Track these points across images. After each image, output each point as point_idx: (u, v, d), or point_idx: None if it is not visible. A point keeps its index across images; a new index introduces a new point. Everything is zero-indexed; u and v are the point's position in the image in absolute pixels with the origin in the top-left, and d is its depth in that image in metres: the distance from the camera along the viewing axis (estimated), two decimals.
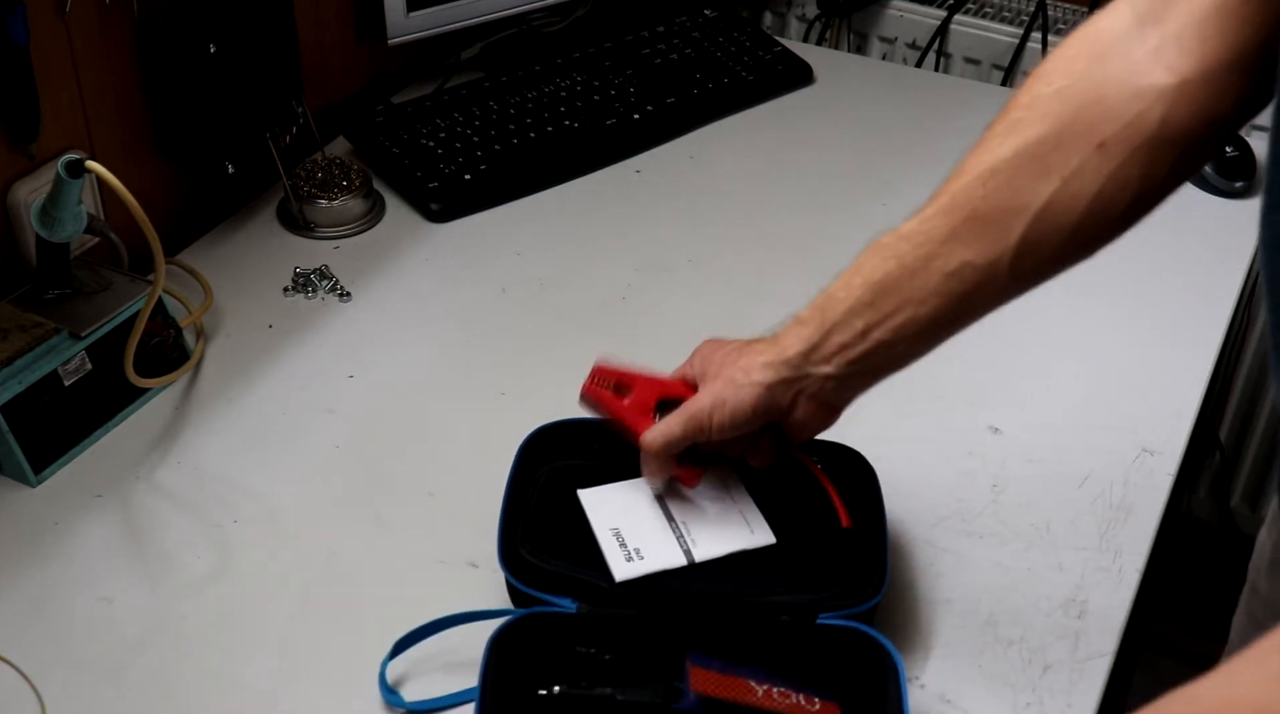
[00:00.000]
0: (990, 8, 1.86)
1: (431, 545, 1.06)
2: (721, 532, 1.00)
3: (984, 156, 0.87)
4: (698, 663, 0.90)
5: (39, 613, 1.00)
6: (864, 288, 0.90)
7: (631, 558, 0.98)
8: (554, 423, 1.07)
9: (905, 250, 0.89)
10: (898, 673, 0.89)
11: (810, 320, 0.93)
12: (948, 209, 0.88)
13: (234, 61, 1.31)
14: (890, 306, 0.89)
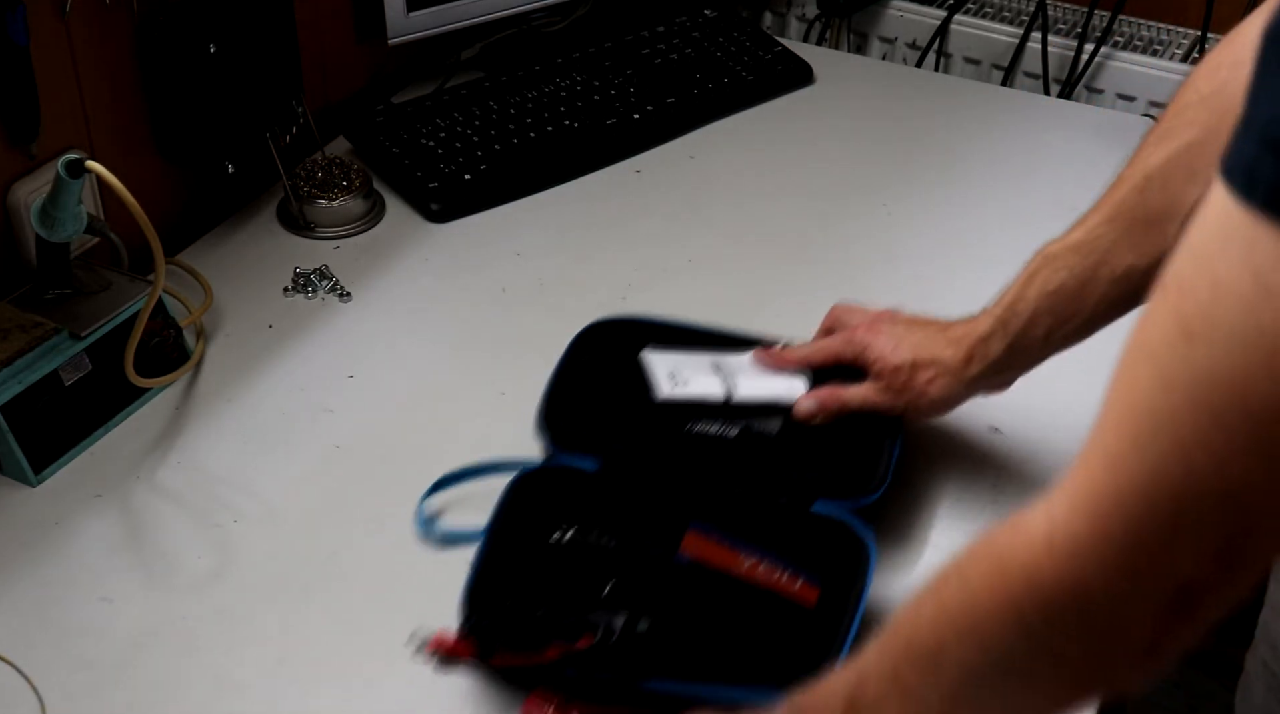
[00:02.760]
0: (990, 8, 1.86)
1: (431, 545, 1.06)
2: (763, 380, 1.10)
3: (1139, 165, 0.95)
4: (698, 530, 0.99)
5: (39, 613, 1.00)
6: (1041, 296, 0.99)
7: (677, 385, 1.09)
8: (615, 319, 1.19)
9: (1075, 261, 0.98)
10: (868, 565, 0.97)
11: (996, 334, 1.02)
12: (1110, 218, 0.96)
13: (234, 61, 1.31)
14: (1067, 313, 0.99)
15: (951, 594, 0.68)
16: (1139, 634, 0.61)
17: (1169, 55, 1.76)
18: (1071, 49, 1.77)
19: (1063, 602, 0.61)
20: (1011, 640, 0.64)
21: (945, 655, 0.68)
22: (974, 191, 1.48)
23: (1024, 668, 0.66)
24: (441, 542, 1.06)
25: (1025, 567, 0.62)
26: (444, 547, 1.06)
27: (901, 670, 0.71)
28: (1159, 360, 0.58)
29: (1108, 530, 0.59)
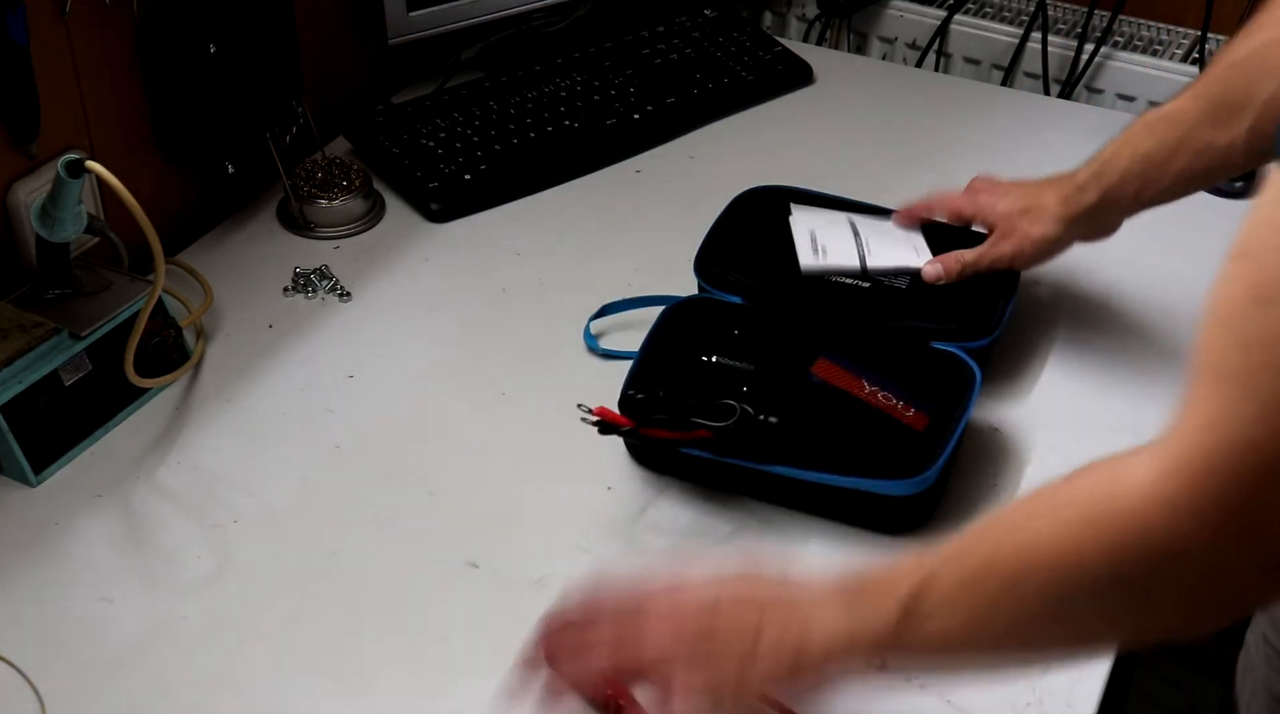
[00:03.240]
0: (990, 8, 1.86)
1: (431, 545, 1.06)
2: (893, 251, 1.25)
3: (1228, 52, 1.06)
4: (829, 358, 1.12)
5: (39, 613, 1.00)
6: (1132, 159, 1.11)
7: (818, 254, 1.24)
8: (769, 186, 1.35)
9: (1164, 130, 1.09)
10: (973, 389, 1.10)
11: (1090, 185, 1.14)
12: (1197, 94, 1.07)
13: (234, 61, 1.31)
14: (1154, 175, 1.11)
15: (1045, 527, 0.70)
16: (1232, 590, 0.66)
17: (1169, 55, 1.76)
18: (1071, 49, 1.77)
19: (1163, 554, 0.65)
20: (1104, 583, 0.68)
21: (1028, 582, 0.70)
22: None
23: (1109, 607, 0.69)
24: (603, 357, 1.23)
25: (1127, 515, 0.66)
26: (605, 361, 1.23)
27: (974, 584, 0.73)
28: (1236, 325, 0.62)
29: (1204, 491, 0.62)
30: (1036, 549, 0.70)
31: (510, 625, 0.99)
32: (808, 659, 0.78)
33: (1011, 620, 0.73)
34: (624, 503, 1.10)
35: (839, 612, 0.78)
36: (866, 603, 0.77)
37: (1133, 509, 0.65)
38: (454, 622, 1.00)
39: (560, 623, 0.87)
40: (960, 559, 0.75)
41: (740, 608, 0.81)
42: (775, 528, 1.07)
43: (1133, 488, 0.66)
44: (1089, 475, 0.70)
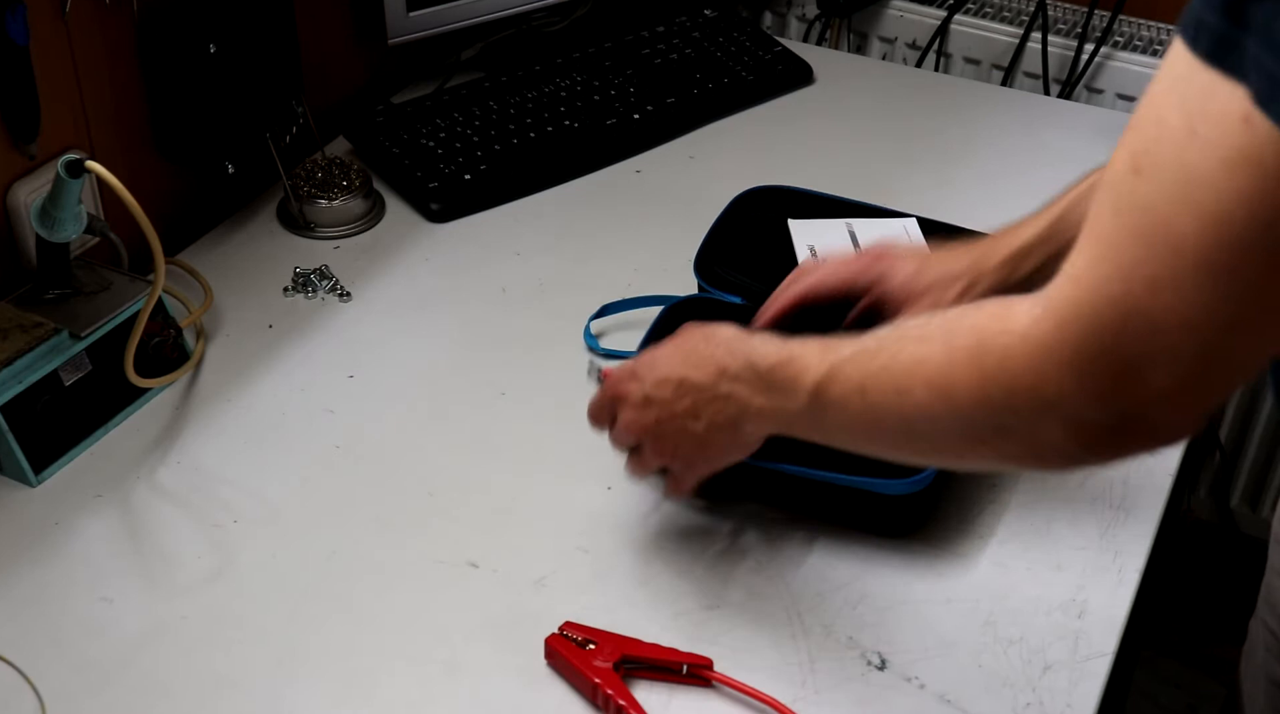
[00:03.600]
0: (990, 8, 1.86)
1: (431, 545, 1.06)
2: None
3: None
4: None
5: (39, 613, 1.00)
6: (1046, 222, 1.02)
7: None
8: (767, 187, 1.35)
9: None
10: None
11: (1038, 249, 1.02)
12: None
13: (234, 61, 1.31)
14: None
15: (933, 351, 0.78)
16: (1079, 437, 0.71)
17: None
18: (1071, 49, 1.77)
19: (1025, 392, 0.71)
20: (973, 409, 0.75)
21: (911, 396, 0.78)
22: (974, 192, 1.48)
23: (975, 433, 0.77)
24: (603, 357, 1.23)
25: (1001, 351, 0.73)
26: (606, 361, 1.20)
27: (869, 387, 0.82)
28: (1113, 190, 0.67)
29: (1067, 337, 0.68)
30: (922, 367, 0.78)
31: (510, 625, 0.99)
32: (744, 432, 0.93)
33: (898, 427, 0.81)
34: (624, 503, 1.10)
35: (759, 395, 0.90)
36: (780, 387, 0.88)
37: (1007, 346, 0.72)
38: (454, 622, 1.00)
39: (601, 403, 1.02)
40: (860, 360, 0.83)
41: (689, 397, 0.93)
42: (775, 528, 1.07)
43: (1011, 328, 0.72)
44: (983, 310, 0.77)
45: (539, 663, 0.97)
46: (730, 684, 0.95)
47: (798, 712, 0.93)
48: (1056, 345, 0.69)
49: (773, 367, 0.88)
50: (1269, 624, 1.13)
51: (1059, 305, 0.69)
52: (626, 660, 0.95)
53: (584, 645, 0.95)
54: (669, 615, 1.00)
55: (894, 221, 1.30)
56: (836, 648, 0.98)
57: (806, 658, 0.98)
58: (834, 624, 1.00)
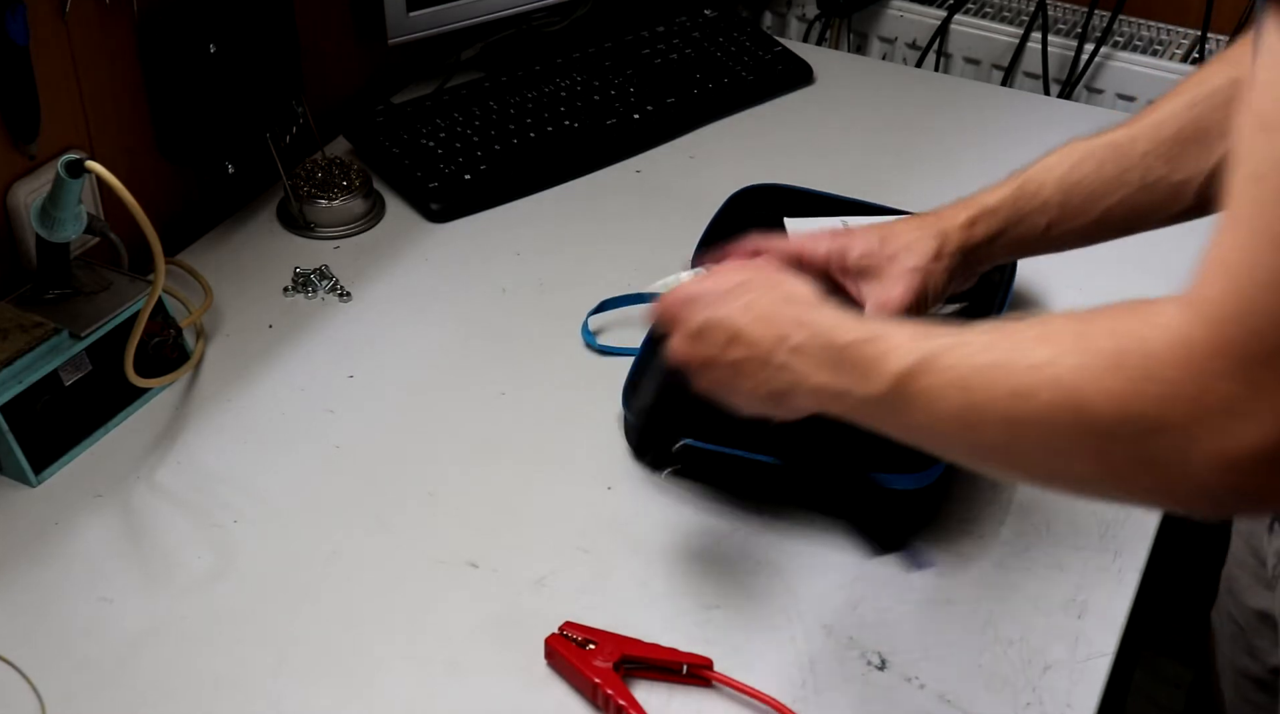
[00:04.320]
0: (990, 8, 1.86)
1: (431, 545, 1.06)
2: None
3: (1199, 84, 0.93)
4: None
5: (39, 613, 1.00)
6: (1057, 187, 0.96)
7: None
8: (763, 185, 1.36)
9: (1106, 157, 0.95)
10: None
11: (1002, 208, 0.99)
12: (1157, 124, 0.94)
13: (234, 61, 1.31)
14: (1077, 208, 0.96)
15: (1062, 353, 0.67)
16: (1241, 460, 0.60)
17: (1169, 55, 1.76)
18: (1071, 49, 1.77)
19: (1180, 405, 0.61)
20: (1112, 421, 0.64)
21: (1030, 401, 0.68)
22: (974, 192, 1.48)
23: (1106, 449, 0.66)
24: (600, 353, 1.24)
25: (1148, 359, 0.63)
26: (605, 362, 1.23)
27: (974, 384, 0.72)
28: (1245, 157, 0.60)
29: (1227, 340, 0.59)
30: (1049, 370, 0.67)
31: (510, 625, 0.99)
32: (791, 403, 0.85)
33: (1002, 431, 0.71)
34: (624, 503, 1.10)
35: (822, 372, 0.81)
36: (853, 367, 0.79)
37: (1154, 353, 0.62)
38: (454, 622, 1.00)
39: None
40: (965, 353, 0.73)
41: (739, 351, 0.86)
42: (775, 528, 1.07)
43: (1157, 332, 0.63)
44: (1120, 312, 0.67)
45: (539, 663, 0.97)
46: (730, 684, 0.95)
47: (798, 712, 0.93)
48: (1217, 349, 0.60)
49: (850, 343, 0.79)
50: (1234, 615, 1.12)
51: (1212, 301, 0.61)
52: (626, 660, 0.95)
53: (584, 645, 0.95)
54: (669, 615, 1.00)
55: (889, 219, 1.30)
56: (836, 648, 0.98)
57: (806, 658, 0.98)
58: (834, 624, 1.00)
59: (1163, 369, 0.62)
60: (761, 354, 0.84)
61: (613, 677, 0.93)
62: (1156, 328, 0.63)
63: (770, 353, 0.84)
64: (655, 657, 0.96)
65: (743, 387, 0.87)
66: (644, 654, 0.95)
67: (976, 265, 1.03)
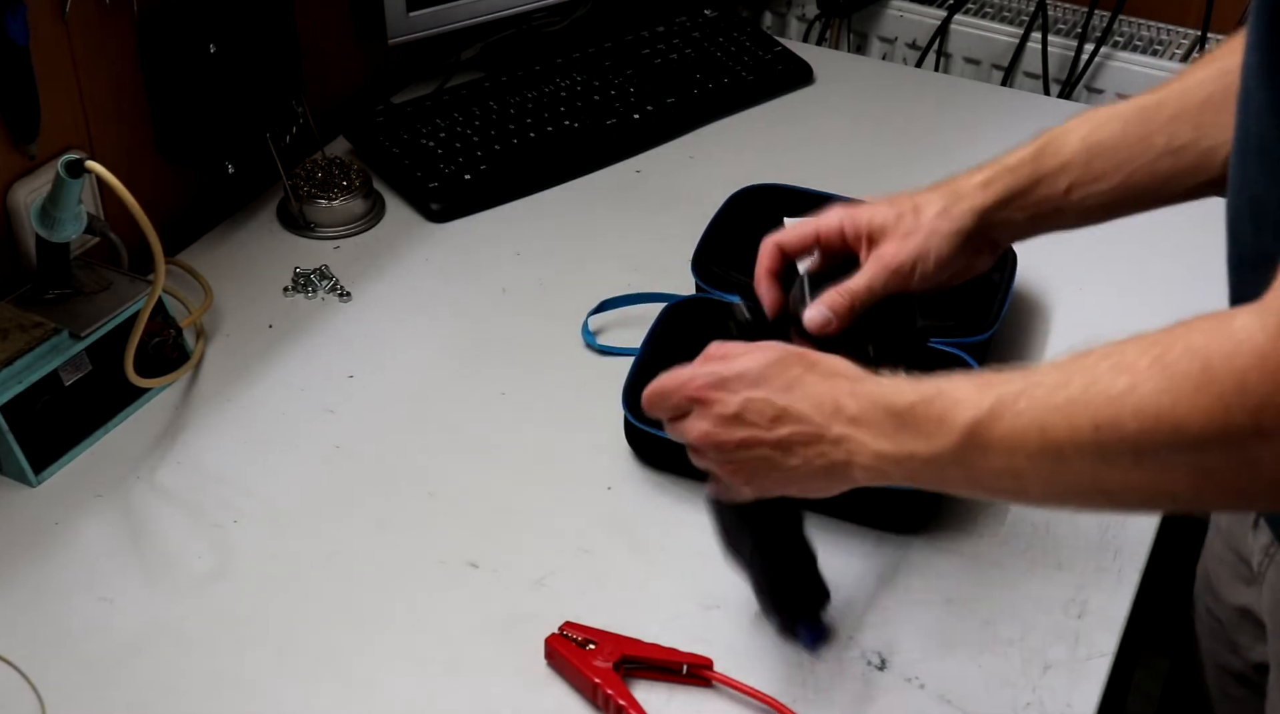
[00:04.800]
0: (990, 8, 1.86)
1: (431, 545, 1.06)
2: None
3: (1231, 52, 0.88)
4: None
5: (39, 613, 1.00)
6: (1080, 147, 0.92)
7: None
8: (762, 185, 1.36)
9: (1131, 120, 0.91)
10: None
11: (1021, 167, 0.94)
12: (1186, 90, 0.91)
13: (234, 61, 1.31)
14: (1100, 170, 0.92)
15: (1143, 379, 0.67)
16: None
17: (1169, 55, 1.76)
18: (1071, 49, 1.77)
19: (1270, 411, 0.62)
20: (1213, 439, 0.65)
21: (1115, 429, 0.68)
22: None
23: (1209, 465, 0.67)
24: (600, 353, 1.24)
25: (1237, 375, 0.63)
26: (605, 362, 1.23)
27: (1051, 424, 0.71)
28: None
29: None
30: (1131, 397, 0.67)
31: (510, 625, 0.99)
32: (837, 481, 0.82)
33: (1089, 465, 0.71)
34: (624, 503, 1.10)
35: (883, 438, 0.78)
36: (917, 427, 0.76)
37: (1242, 369, 0.63)
38: (454, 622, 1.00)
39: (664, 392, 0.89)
40: (1037, 395, 0.72)
41: (788, 428, 0.82)
42: None
43: (1240, 346, 0.63)
44: (1193, 331, 0.67)
45: (539, 663, 0.97)
46: (730, 684, 0.95)
47: (798, 712, 0.93)
48: None
49: (912, 404, 0.77)
50: (1213, 611, 1.12)
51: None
52: (626, 660, 0.95)
53: (584, 645, 0.95)
54: (669, 615, 1.00)
55: None
56: (836, 648, 0.98)
57: (806, 658, 0.97)
58: (834, 624, 1.00)
59: (1251, 380, 0.63)
60: (814, 429, 0.81)
61: (613, 677, 0.93)
62: (1235, 341, 0.64)
63: (825, 426, 0.81)
64: (655, 657, 0.96)
65: (790, 464, 0.83)
66: (644, 654, 0.95)
67: (994, 232, 0.97)
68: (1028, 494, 0.78)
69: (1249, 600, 1.04)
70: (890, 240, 0.96)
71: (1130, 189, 0.93)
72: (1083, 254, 1.35)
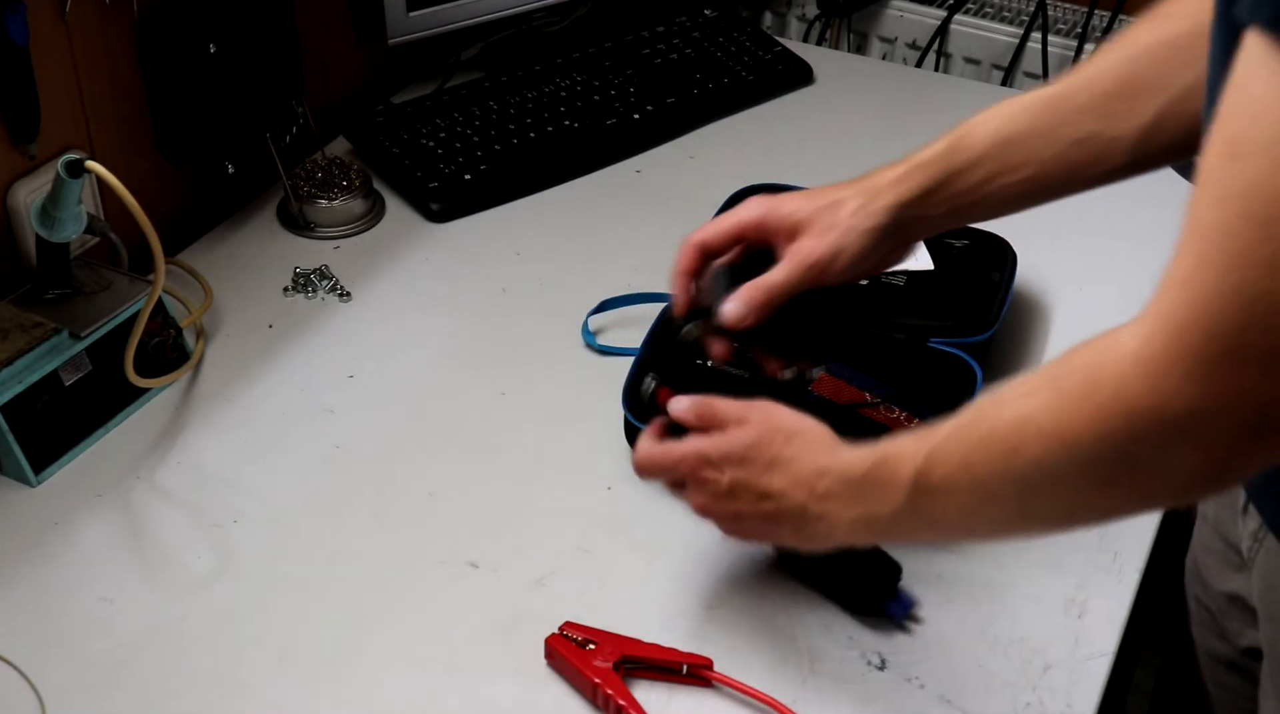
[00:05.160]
0: (990, 8, 1.86)
1: (431, 545, 1.06)
2: None
3: (1131, 42, 0.93)
4: (833, 371, 1.08)
5: (39, 613, 1.00)
6: (993, 140, 0.95)
7: None
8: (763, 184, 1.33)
9: (1039, 112, 0.95)
10: (974, 392, 1.07)
11: (935, 163, 0.97)
12: (1090, 80, 0.94)
13: (234, 61, 1.31)
14: (1013, 162, 0.95)
15: (1040, 401, 0.71)
16: (1217, 451, 0.65)
17: None
18: (1071, 49, 1.77)
19: (1147, 416, 0.66)
20: (1094, 448, 0.69)
21: (1023, 453, 0.72)
22: None
23: (1102, 474, 0.70)
24: (600, 353, 1.24)
25: (1114, 380, 0.67)
26: (605, 362, 1.23)
27: (974, 460, 0.75)
28: (1212, 182, 0.63)
29: (1185, 346, 0.63)
30: (1031, 421, 0.72)
31: (510, 625, 0.99)
32: (825, 542, 0.88)
33: (1012, 493, 0.75)
34: (624, 503, 1.10)
35: (851, 507, 0.84)
36: (874, 491, 0.82)
37: (1118, 374, 0.66)
38: (454, 622, 1.00)
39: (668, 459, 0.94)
40: (959, 435, 0.77)
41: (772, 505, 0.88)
42: None
43: (1120, 355, 0.66)
44: (1083, 349, 0.70)
45: (539, 663, 0.97)
46: (730, 684, 0.95)
47: (798, 712, 0.93)
48: (1175, 357, 0.64)
49: (865, 472, 0.83)
50: (1201, 600, 1.12)
51: (1170, 314, 0.64)
52: (626, 660, 0.95)
53: (584, 645, 0.95)
54: (669, 615, 1.00)
55: None
56: (836, 648, 0.98)
57: (806, 658, 0.98)
58: (834, 624, 1.00)
59: (1128, 385, 0.66)
60: (795, 507, 0.87)
61: (613, 677, 0.93)
62: (1117, 351, 0.67)
63: (804, 506, 0.86)
64: (655, 657, 0.96)
65: (779, 534, 0.90)
66: (644, 654, 0.95)
67: (910, 227, 0.99)
68: (979, 531, 0.85)
69: (1238, 587, 1.04)
70: (808, 236, 0.98)
71: (1042, 180, 0.95)
72: (1083, 254, 1.36)
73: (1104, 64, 0.94)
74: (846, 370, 1.11)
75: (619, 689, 0.92)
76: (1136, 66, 0.92)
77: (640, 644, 0.96)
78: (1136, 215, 1.16)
